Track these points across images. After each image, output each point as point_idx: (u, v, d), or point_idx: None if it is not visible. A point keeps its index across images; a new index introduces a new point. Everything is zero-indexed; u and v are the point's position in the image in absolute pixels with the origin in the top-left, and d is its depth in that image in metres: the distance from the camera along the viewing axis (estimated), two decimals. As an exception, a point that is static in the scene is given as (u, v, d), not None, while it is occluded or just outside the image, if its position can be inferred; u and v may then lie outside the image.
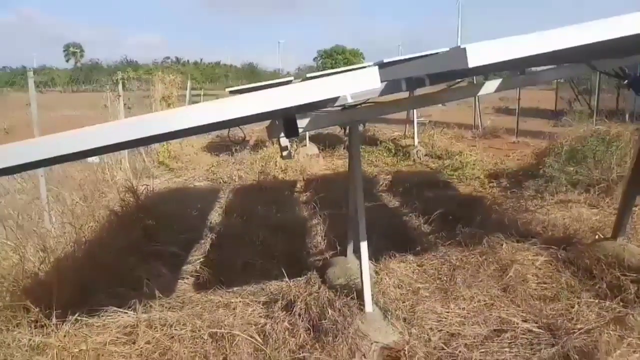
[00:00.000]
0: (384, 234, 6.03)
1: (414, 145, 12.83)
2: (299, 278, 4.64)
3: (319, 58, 74.45)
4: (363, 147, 13.65)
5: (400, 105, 4.61)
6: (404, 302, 4.23)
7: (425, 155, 12.42)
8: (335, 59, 68.18)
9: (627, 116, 14.52)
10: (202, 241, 6.47)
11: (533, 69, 5.32)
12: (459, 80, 5.35)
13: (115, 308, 4.17)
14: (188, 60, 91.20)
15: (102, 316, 4.13)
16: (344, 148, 13.19)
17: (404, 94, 7.07)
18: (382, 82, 2.20)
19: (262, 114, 3.30)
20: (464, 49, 1.77)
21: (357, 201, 4.10)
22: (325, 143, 14.08)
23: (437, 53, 2.32)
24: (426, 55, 2.37)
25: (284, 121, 3.09)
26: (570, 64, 4.54)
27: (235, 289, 4.79)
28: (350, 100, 3.31)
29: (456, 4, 37.63)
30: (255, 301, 4.45)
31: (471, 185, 9.11)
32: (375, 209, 7.73)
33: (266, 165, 10.75)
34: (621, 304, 4.04)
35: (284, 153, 4.07)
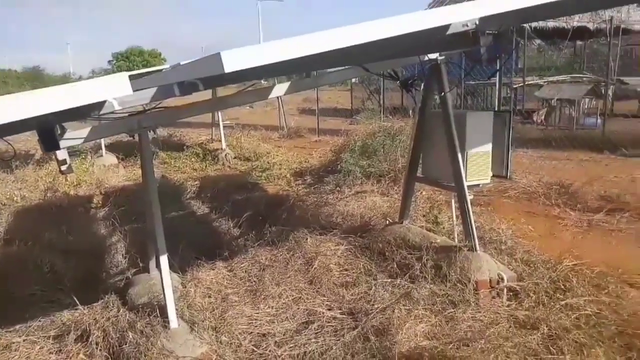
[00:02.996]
0: (192, 242, 5.81)
1: (222, 148, 12.73)
2: (95, 304, 4.17)
3: (114, 60, 68.88)
4: (169, 152, 13.11)
5: (193, 109, 4.43)
6: (212, 311, 4.10)
7: (234, 158, 12.44)
8: (133, 61, 63.76)
9: (410, 112, 16.43)
10: (-28, 278, 5.42)
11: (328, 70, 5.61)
12: (254, 82, 5.41)
13: None
14: (-52, 65, 76.86)
15: None
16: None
17: (207, 95, 6.90)
18: (135, 90, 2.06)
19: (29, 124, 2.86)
20: (219, 55, 1.75)
21: (153, 213, 3.83)
22: (126, 151, 13.10)
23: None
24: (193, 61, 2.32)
25: (39, 133, 2.70)
26: (350, 67, 4.89)
27: (17, 326, 4.12)
28: (117, 107, 3.05)
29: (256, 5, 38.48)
30: (44, 337, 3.90)
31: (278, 184, 9.39)
32: (182, 217, 7.46)
33: (55, 181, 9.54)
34: (409, 280, 4.50)
35: (63, 167, 3.58)
